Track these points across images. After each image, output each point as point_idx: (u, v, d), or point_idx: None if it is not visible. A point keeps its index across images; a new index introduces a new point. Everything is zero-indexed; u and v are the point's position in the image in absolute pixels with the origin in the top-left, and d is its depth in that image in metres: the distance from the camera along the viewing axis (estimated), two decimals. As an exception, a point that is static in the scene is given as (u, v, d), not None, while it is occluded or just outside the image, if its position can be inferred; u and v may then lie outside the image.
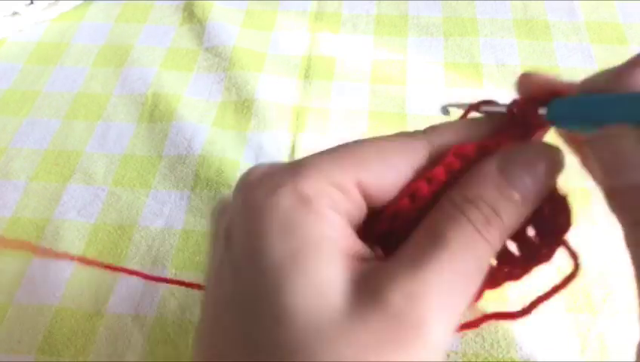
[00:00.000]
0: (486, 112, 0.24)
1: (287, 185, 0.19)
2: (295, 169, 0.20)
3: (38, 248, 0.40)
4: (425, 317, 0.18)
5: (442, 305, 0.18)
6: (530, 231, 0.23)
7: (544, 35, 0.54)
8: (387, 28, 0.56)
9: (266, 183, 0.20)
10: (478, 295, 0.21)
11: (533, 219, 0.22)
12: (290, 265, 0.18)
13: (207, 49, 0.54)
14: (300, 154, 0.45)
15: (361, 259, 0.20)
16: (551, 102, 0.22)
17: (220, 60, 0.53)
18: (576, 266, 0.22)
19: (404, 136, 0.22)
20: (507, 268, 0.22)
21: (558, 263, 0.24)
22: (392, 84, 0.50)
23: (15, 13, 0.56)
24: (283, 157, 0.45)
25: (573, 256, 0.22)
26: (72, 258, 0.39)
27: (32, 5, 0.57)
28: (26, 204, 0.44)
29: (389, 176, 0.21)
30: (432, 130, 0.23)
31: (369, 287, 0.18)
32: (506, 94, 0.49)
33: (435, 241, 0.19)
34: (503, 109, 0.23)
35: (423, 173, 0.21)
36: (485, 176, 0.21)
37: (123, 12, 0.59)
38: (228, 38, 0.55)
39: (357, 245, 0.20)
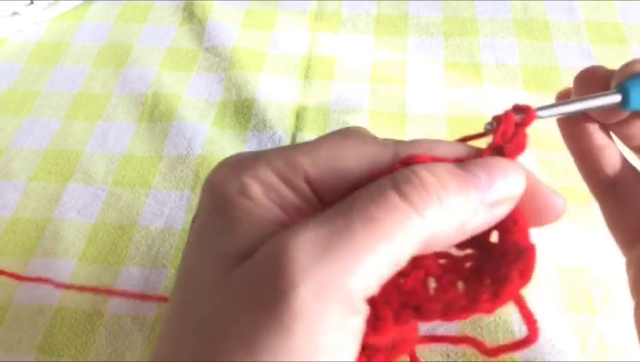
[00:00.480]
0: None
1: (237, 175, 0.21)
2: (251, 162, 0.21)
3: (22, 276, 0.39)
4: (290, 276, 0.16)
5: (318, 265, 0.16)
6: (486, 279, 0.20)
7: (544, 35, 0.54)
8: (387, 28, 0.56)
9: (223, 171, 0.21)
10: (400, 319, 0.18)
11: (486, 264, 0.20)
12: (217, 240, 0.19)
13: (207, 49, 0.54)
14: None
15: None
16: (626, 85, 0.22)
17: (220, 60, 0.53)
18: (533, 331, 0.19)
19: (370, 142, 0.21)
20: (442, 305, 0.19)
21: (558, 263, 0.24)
22: (392, 84, 0.50)
23: (15, 13, 0.56)
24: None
25: (529, 320, 0.19)
26: (56, 285, 0.38)
27: (32, 5, 0.57)
28: (26, 204, 0.44)
29: (338, 176, 0.21)
30: (405, 142, 0.22)
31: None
32: (506, 94, 0.49)
33: (340, 204, 0.18)
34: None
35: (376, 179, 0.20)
36: (437, 164, 0.20)
37: (123, 12, 0.59)
38: (228, 38, 0.55)
39: None
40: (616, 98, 0.23)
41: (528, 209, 0.21)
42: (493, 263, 0.20)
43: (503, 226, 0.20)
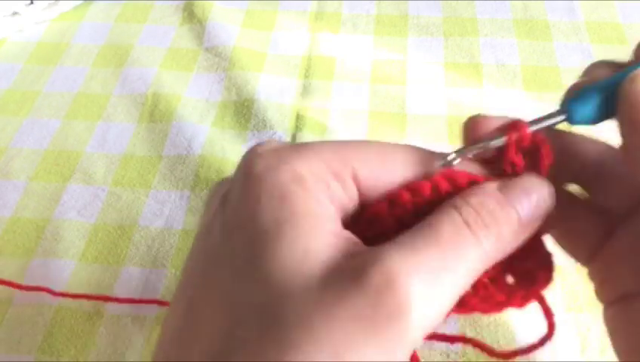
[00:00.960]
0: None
1: (288, 163, 0.20)
2: (299, 151, 0.21)
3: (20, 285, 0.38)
4: (403, 302, 0.18)
5: (424, 294, 0.18)
6: (509, 279, 0.23)
7: (544, 35, 0.54)
8: (387, 28, 0.56)
9: (269, 158, 0.21)
10: (459, 308, 0.21)
11: (515, 266, 0.23)
12: (275, 232, 0.19)
13: (207, 49, 0.54)
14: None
15: (350, 241, 0.20)
16: (570, 102, 0.23)
17: (220, 60, 0.53)
18: (551, 326, 0.23)
19: (413, 148, 0.22)
20: (480, 298, 0.22)
21: (558, 263, 0.24)
22: (392, 84, 0.50)
23: (15, 13, 0.56)
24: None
25: (548, 315, 0.24)
26: (54, 293, 0.37)
27: (32, 5, 0.57)
28: (26, 204, 0.44)
29: (385, 176, 0.21)
30: (445, 154, 0.23)
31: (353, 264, 0.18)
32: (506, 94, 0.49)
33: (427, 233, 0.19)
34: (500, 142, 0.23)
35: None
36: (486, 191, 0.21)
37: (123, 12, 0.59)
38: (228, 38, 0.55)
39: (344, 231, 0.20)
40: (561, 116, 0.23)
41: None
42: (515, 268, 0.23)
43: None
